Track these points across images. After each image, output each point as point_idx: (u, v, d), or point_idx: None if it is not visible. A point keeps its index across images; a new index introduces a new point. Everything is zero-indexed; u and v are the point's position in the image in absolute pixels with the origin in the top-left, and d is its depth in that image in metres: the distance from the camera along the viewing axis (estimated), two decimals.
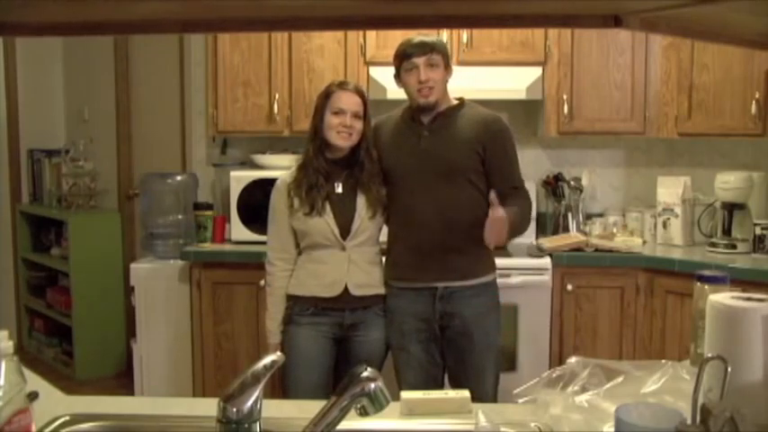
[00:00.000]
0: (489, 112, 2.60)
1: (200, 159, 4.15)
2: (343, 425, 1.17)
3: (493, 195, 2.38)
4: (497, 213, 2.35)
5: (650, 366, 1.42)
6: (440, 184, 2.51)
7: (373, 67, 3.58)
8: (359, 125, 2.51)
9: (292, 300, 2.57)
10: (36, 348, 4.94)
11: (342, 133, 2.50)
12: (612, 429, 1.18)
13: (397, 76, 2.57)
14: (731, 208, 3.47)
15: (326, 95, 2.54)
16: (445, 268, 2.53)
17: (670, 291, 3.29)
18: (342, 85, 2.56)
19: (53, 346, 4.82)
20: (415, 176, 2.54)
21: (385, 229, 2.66)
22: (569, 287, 3.37)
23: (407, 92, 2.55)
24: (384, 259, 2.64)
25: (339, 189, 2.55)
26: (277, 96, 3.66)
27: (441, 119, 2.55)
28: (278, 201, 2.59)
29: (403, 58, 2.51)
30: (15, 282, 5.05)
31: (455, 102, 2.61)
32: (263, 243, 2.88)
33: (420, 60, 2.47)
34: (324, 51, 3.64)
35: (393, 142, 2.60)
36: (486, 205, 2.60)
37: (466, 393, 1.59)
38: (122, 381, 4.35)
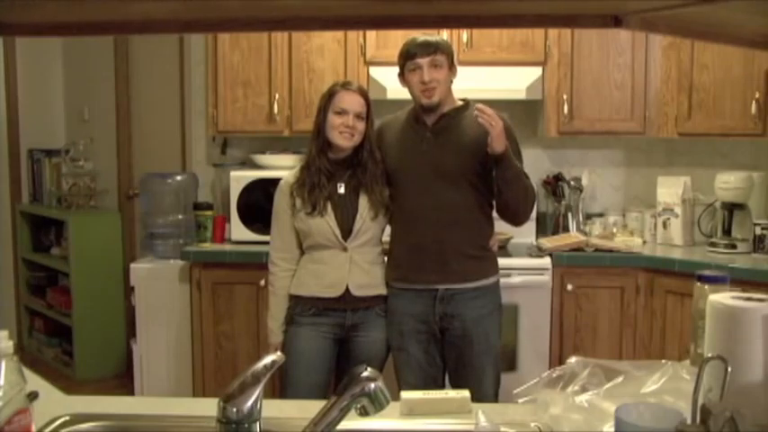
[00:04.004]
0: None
1: (200, 159, 4.15)
2: (343, 425, 1.17)
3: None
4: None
5: (650, 366, 1.42)
6: (442, 185, 2.51)
7: (373, 67, 3.57)
8: (361, 126, 2.51)
9: (294, 300, 2.57)
10: (36, 348, 4.94)
11: (344, 134, 2.50)
12: (612, 429, 1.18)
13: (401, 76, 2.56)
14: (731, 208, 3.47)
15: (330, 95, 2.54)
16: (446, 270, 2.53)
17: (670, 291, 3.29)
18: (345, 86, 2.56)
19: (53, 346, 4.81)
20: (417, 178, 2.54)
21: (388, 229, 2.65)
22: (569, 287, 3.37)
23: (411, 92, 2.55)
24: (386, 259, 2.64)
25: (341, 189, 2.55)
26: (277, 96, 3.66)
27: (444, 120, 2.55)
28: (280, 201, 2.59)
29: (407, 58, 2.50)
30: (15, 282, 5.05)
31: (460, 103, 2.61)
32: (264, 243, 2.88)
33: (424, 61, 2.46)
34: (324, 51, 3.64)
35: (397, 143, 2.60)
36: (487, 207, 2.60)
37: (466, 393, 1.59)
38: (122, 381, 4.35)
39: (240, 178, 3.59)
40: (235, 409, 1.11)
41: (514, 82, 3.54)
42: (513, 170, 2.44)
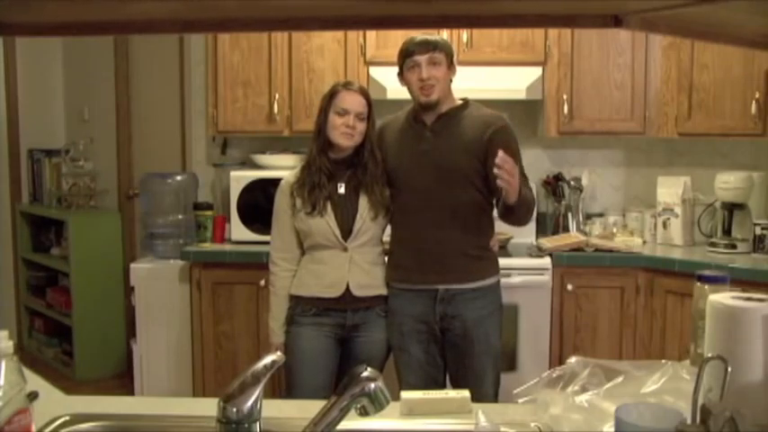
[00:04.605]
0: (492, 112, 2.58)
1: (200, 159, 4.15)
2: (343, 425, 1.17)
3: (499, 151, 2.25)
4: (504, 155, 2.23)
5: (650, 366, 1.42)
6: (441, 185, 2.51)
7: (373, 67, 3.57)
8: (362, 126, 2.51)
9: (294, 300, 2.57)
10: (36, 348, 4.94)
11: (345, 134, 2.50)
12: (612, 429, 1.18)
13: (401, 75, 2.56)
14: (731, 208, 3.48)
15: (331, 95, 2.54)
16: (446, 270, 2.52)
17: (670, 291, 3.29)
18: (347, 86, 2.56)
19: (53, 346, 4.81)
20: (417, 178, 2.54)
21: (389, 230, 2.65)
22: (569, 287, 3.37)
23: (410, 90, 2.54)
24: (387, 259, 2.64)
25: (341, 190, 2.55)
26: (277, 96, 3.66)
27: (444, 120, 2.55)
28: (281, 201, 2.60)
29: (405, 56, 2.50)
30: (15, 282, 5.05)
31: (459, 102, 2.60)
32: (264, 243, 2.88)
33: (422, 58, 2.46)
34: (324, 51, 3.64)
35: (397, 143, 2.60)
36: (488, 207, 2.60)
37: (466, 393, 1.59)
38: (122, 381, 4.35)
39: (240, 178, 3.59)
40: (235, 409, 1.11)
41: (514, 82, 3.54)
42: (520, 202, 2.38)
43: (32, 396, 1.27)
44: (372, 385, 1.15)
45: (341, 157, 2.55)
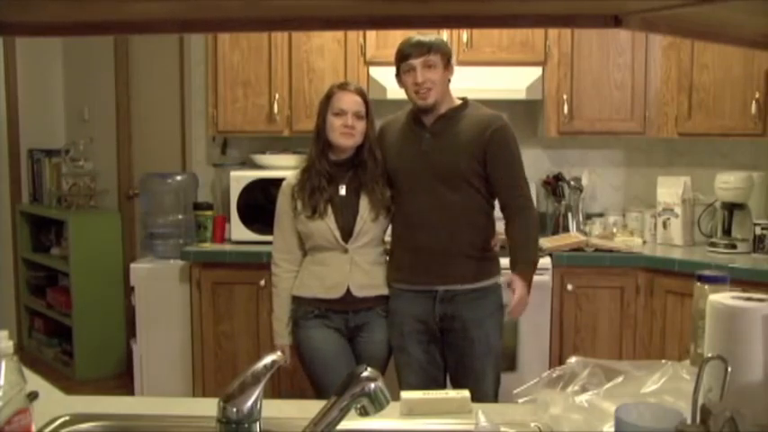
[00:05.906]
0: (491, 112, 2.57)
1: (200, 159, 4.15)
2: (343, 425, 1.17)
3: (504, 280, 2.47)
4: (518, 292, 2.43)
5: (650, 366, 1.42)
6: (441, 186, 2.50)
7: (373, 67, 3.58)
8: (360, 125, 2.51)
9: (296, 302, 2.57)
10: (36, 348, 4.94)
11: (344, 134, 2.49)
12: (612, 429, 1.18)
13: (398, 76, 2.56)
14: (731, 208, 3.48)
15: (328, 97, 2.54)
16: (446, 271, 2.52)
17: (670, 291, 3.29)
18: (342, 86, 2.56)
19: (53, 346, 4.82)
20: (416, 179, 2.53)
21: (390, 230, 2.65)
22: (569, 287, 3.37)
23: (407, 93, 2.54)
24: (387, 260, 2.64)
25: (342, 191, 2.54)
26: (277, 96, 3.66)
27: (442, 121, 2.54)
28: (282, 202, 2.60)
29: (401, 59, 2.49)
30: (15, 282, 5.05)
31: (458, 102, 2.60)
32: (264, 243, 2.88)
33: (417, 62, 2.45)
34: (324, 51, 3.65)
35: (397, 144, 2.60)
36: (488, 208, 2.59)
37: (466, 393, 1.59)
38: (122, 381, 4.35)
39: (240, 178, 3.59)
40: (235, 409, 1.11)
41: (514, 82, 3.54)
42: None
43: (32, 396, 1.27)
44: (372, 385, 1.16)
45: (341, 159, 2.55)
